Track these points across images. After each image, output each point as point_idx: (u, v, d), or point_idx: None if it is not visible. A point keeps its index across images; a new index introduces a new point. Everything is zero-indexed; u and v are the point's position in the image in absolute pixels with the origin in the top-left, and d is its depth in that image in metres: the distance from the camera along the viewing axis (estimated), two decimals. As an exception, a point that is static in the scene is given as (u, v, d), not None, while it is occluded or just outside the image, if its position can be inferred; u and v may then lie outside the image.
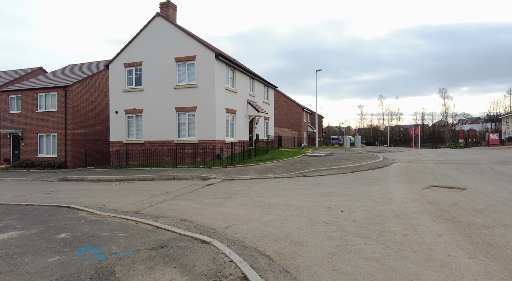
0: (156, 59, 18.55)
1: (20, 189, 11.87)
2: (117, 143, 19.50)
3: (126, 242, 4.48)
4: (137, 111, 19.01)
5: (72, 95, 21.14)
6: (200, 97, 17.42)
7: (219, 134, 17.46)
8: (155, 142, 18.47)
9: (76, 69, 25.75)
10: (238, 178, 11.98)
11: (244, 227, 5.40)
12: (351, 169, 13.28)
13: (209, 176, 12.59)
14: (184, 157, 17.63)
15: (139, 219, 5.99)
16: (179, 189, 10.10)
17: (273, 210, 6.64)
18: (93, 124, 22.72)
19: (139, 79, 19.18)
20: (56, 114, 21.37)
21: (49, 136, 21.84)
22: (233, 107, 19.24)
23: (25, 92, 22.45)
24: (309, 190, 9.00)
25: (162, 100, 18.33)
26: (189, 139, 17.74)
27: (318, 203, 7.17)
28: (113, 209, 7.30)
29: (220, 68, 17.68)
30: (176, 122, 18.04)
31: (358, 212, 6.17)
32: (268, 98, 26.50)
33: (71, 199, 9.02)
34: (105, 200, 8.66)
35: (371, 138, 69.62)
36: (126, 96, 19.36)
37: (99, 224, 5.71)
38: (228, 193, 9.02)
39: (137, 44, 19.17)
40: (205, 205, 7.38)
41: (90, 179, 14.43)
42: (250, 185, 10.41)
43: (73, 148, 21.13)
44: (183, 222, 5.82)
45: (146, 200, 8.36)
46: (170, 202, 7.95)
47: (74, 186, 12.15)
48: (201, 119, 17.41)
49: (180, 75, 18.14)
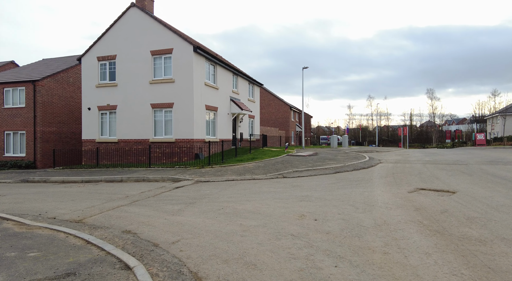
0: (131, 52, 17.38)
1: (-33, 192, 10.61)
2: (90, 142, 18.26)
3: (29, 267, 3.46)
4: (111, 108, 17.81)
5: (42, 91, 19.74)
6: (178, 93, 16.35)
7: (198, 132, 16.42)
8: (129, 141, 17.32)
9: (50, 64, 24.28)
10: (213, 180, 11.00)
11: (194, 242, 4.44)
12: (334, 170, 12.46)
13: (182, 178, 11.57)
14: (160, 156, 16.53)
15: (73, 231, 4.96)
16: (143, 193, 9.06)
17: (237, 218, 5.70)
18: (66, 121, 21.35)
19: (113, 74, 17.98)
20: (24, 110, 19.94)
21: (16, 134, 20.39)
22: (214, 105, 18.23)
23: (-8, 87, 20.91)
24: (285, 193, 8.09)
25: (137, 96, 17.18)
26: (165, 138, 16.65)
27: (291, 209, 6.26)
28: (53, 217, 6.24)
29: (199, 62, 16.65)
30: (151, 120, 16.92)
31: (334, 221, 5.28)
32: (253, 96, 25.57)
33: (14, 204, 7.89)
34: (52, 205, 7.57)
35: (360, 139, 69.51)
36: (99, 91, 18.13)
37: (17, 238, 4.66)
38: (194, 197, 8.03)
39: (111, 36, 17.96)
40: (162, 213, 6.39)
41: (53, 181, 13.21)
42: (223, 187, 9.45)
43: (43, 147, 19.75)
44: (125, 235, 4.82)
45: (99, 206, 7.31)
46: (124, 208, 6.93)
47: (30, 189, 10.96)
48: (179, 116, 16.35)
49: (156, 70, 17.03)
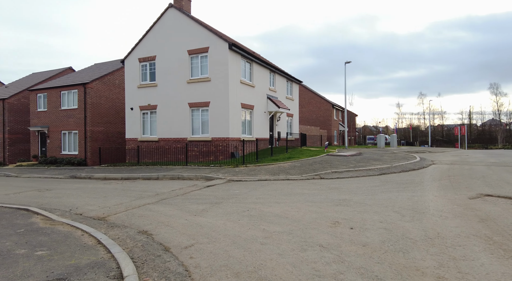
0: (169, 52, 17.71)
1: (21, 187, 11.44)
2: (133, 140, 18.99)
3: (27, 268, 3.24)
4: (152, 107, 18.32)
5: (91, 93, 21.07)
6: (213, 92, 16.24)
7: (233, 131, 16.15)
8: (169, 139, 17.64)
9: (100, 68, 25.92)
10: (245, 179, 10.55)
11: (208, 248, 3.96)
12: (378, 171, 11.27)
13: (214, 176, 11.30)
14: (197, 155, 16.58)
15: (90, 229, 4.79)
16: (173, 191, 8.90)
17: (262, 222, 5.12)
18: (112, 121, 22.57)
19: (153, 74, 18.48)
20: (77, 111, 21.45)
21: (71, 133, 22.02)
22: (250, 103, 17.84)
23: (50, 91, 22.87)
24: (319, 195, 7.32)
25: (175, 96, 17.44)
26: (202, 137, 16.65)
27: (323, 214, 5.52)
28: (80, 213, 6.23)
29: (234, 60, 16.37)
30: (189, 119, 17.04)
31: (374, 231, 4.45)
32: (292, 94, 24.76)
33: (53, 199, 8.18)
34: (85, 201, 7.68)
35: (411, 138, 64.61)
36: (141, 92, 18.77)
37: (36, 234, 4.59)
38: (222, 197, 7.62)
39: (150, 37, 18.49)
40: (184, 212, 6.04)
41: (97, 177, 13.83)
42: (254, 187, 8.93)
43: (93, 145, 21.04)
44: (138, 236, 4.52)
45: (127, 203, 7.24)
46: (149, 207, 6.73)
47: (73, 184, 11.49)
48: (215, 115, 16.23)
49: (193, 69, 17.11)
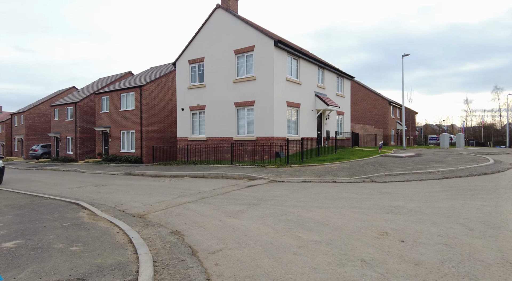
0: (216, 53, 17.98)
1: (83, 181, 12.50)
2: (184, 139, 19.73)
3: (57, 264, 3.28)
4: (200, 107, 18.82)
5: (146, 94, 22.43)
6: (258, 91, 16.06)
7: (278, 130, 15.78)
8: (216, 139, 17.94)
9: (155, 71, 27.53)
10: (288, 180, 10.12)
11: (236, 255, 3.67)
12: (441, 174, 9.94)
13: (257, 176, 11.07)
14: (242, 154, 16.56)
15: (126, 227, 4.85)
16: (215, 189, 8.85)
17: (299, 228, 4.69)
18: (166, 121, 23.77)
19: (202, 75, 18.97)
20: (134, 112, 23.03)
21: (129, 133, 23.72)
22: (296, 101, 17.29)
23: (112, 94, 24.93)
24: (368, 201, 6.60)
25: (222, 96, 17.65)
26: (247, 136, 16.58)
27: (370, 223, 4.88)
28: (123, 210, 6.44)
29: (280, 57, 15.98)
30: (235, 118, 17.11)
31: (430, 247, 3.73)
32: (343, 91, 23.51)
33: (104, 194, 8.69)
34: (131, 197, 7.99)
35: (482, 138, 57.43)
36: (190, 93, 19.40)
37: (78, 229, 4.77)
38: (261, 198, 7.31)
39: (199, 39, 18.99)
40: (220, 213, 5.86)
41: (148, 174, 14.57)
42: (296, 189, 8.47)
43: (148, 144, 22.39)
44: (169, 237, 4.41)
45: (169, 201, 7.33)
46: (188, 205, 6.71)
47: (126, 181, 12.20)
48: (259, 114, 16.03)
49: (239, 68, 17.13)
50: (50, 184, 11.99)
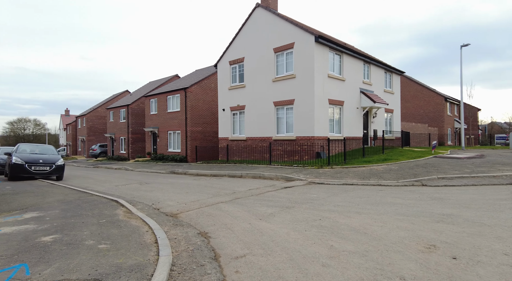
0: (256, 53, 17.90)
1: (129, 179, 13.23)
2: (224, 139, 20.00)
3: (81, 261, 3.33)
4: (240, 108, 18.90)
5: (190, 96, 23.19)
6: (298, 89, 15.61)
7: (319, 129, 15.17)
8: (255, 138, 17.87)
9: (199, 73, 28.40)
10: (327, 182, 9.59)
11: (259, 262, 3.42)
12: (508, 179, 8.64)
13: (295, 177, 10.69)
14: (281, 154, 16.25)
15: (156, 226, 4.88)
16: (250, 190, 8.69)
17: (332, 236, 4.29)
18: (208, 122, 24.36)
19: (241, 76, 19.04)
20: (179, 114, 23.97)
21: (175, 133, 24.76)
22: (339, 98, 16.48)
23: (159, 96, 26.24)
24: (416, 207, 5.90)
25: (261, 95, 17.52)
26: (286, 136, 16.22)
27: (416, 233, 4.29)
28: (158, 208, 6.56)
29: (321, 53, 15.35)
30: (274, 118, 16.86)
31: (492, 268, 3.11)
32: (392, 87, 21.95)
33: (144, 192, 9.02)
34: (168, 196, 8.17)
35: (562, 137, 49.69)
36: (231, 93, 19.60)
37: (111, 227, 4.91)
38: (296, 200, 6.97)
39: (239, 40, 19.08)
40: (251, 215, 5.66)
41: (190, 173, 14.97)
42: (335, 192, 7.96)
43: (192, 144, 23.14)
44: (195, 239, 4.32)
45: (203, 200, 7.34)
46: (220, 206, 6.63)
47: (168, 179, 12.63)
48: (299, 113, 15.58)
49: (278, 67, 16.85)
50: (101, 181, 12.88)
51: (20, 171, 12.32)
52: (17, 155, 12.79)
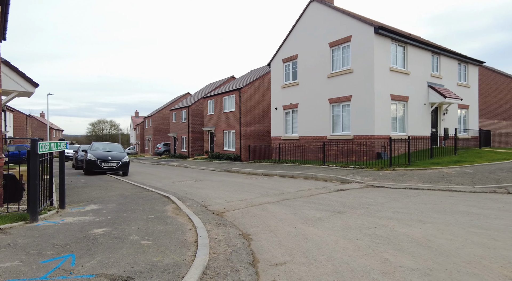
0: (310, 49, 17.30)
1: (186, 176, 13.81)
2: (277, 139, 19.79)
3: (122, 257, 3.38)
4: (293, 106, 18.48)
5: (244, 96, 23.48)
6: (356, 84, 14.61)
7: (379, 128, 14.00)
8: (309, 138, 17.28)
9: (254, 73, 28.65)
10: (388, 185, 8.71)
11: (299, 272, 3.09)
12: None
13: (351, 179, 9.96)
14: (337, 154, 15.41)
15: (200, 224, 4.85)
16: (300, 191, 8.31)
17: (388, 248, 3.73)
18: (262, 121, 24.39)
19: (295, 73, 18.59)
20: (234, 114, 24.46)
21: (230, 133, 25.34)
22: (403, 93, 15.01)
23: (216, 97, 27.13)
24: (498, 219, 4.91)
25: (315, 93, 16.86)
26: (343, 135, 15.32)
27: (498, 252, 3.50)
28: (206, 206, 6.60)
29: (382, 44, 14.14)
30: (329, 116, 16.07)
31: None
32: (467, 79, 19.33)
33: (196, 189, 9.24)
34: (217, 194, 8.22)
35: None
36: (284, 92, 19.29)
37: (158, 222, 5.01)
38: (349, 205, 6.39)
39: (293, 36, 18.65)
40: (297, 219, 5.31)
41: (242, 172, 15.08)
42: (396, 197, 7.14)
43: (245, 143, 23.41)
44: (235, 240, 4.15)
45: (250, 200, 7.20)
46: (266, 206, 6.40)
47: (221, 177, 12.85)
48: (357, 110, 14.57)
49: (334, 62, 16.01)
50: (160, 177, 13.67)
51: (93, 166, 13.74)
52: (91, 152, 14.29)
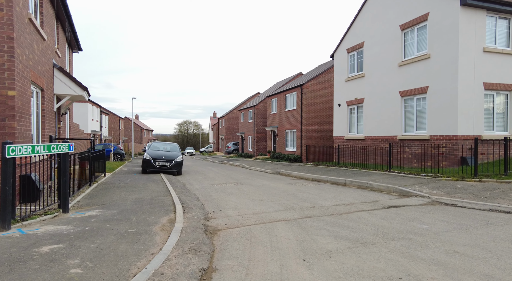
0: (378, 35, 14.84)
1: (232, 178, 13.20)
2: (340, 138, 17.74)
3: None
4: (358, 101, 16.20)
5: (306, 93, 21.88)
6: (434, 72, 11.79)
7: (465, 125, 10.97)
8: (376, 138, 14.86)
9: (320, 68, 26.66)
10: (463, 204, 6.40)
11: None
12: None
13: (413, 192, 7.78)
14: (410, 158, 12.76)
15: (166, 249, 3.96)
16: (337, 206, 6.71)
17: None
18: (326, 120, 22.38)
19: (361, 64, 16.28)
20: (295, 112, 23.06)
21: (291, 132, 24.04)
22: (505, 81, 11.50)
23: (279, 95, 26.12)
24: None
25: (384, 85, 14.37)
26: (417, 134, 12.60)
27: None
28: (210, 218, 5.69)
29: (472, 19, 11.04)
30: (400, 111, 13.45)
31: None
32: None
33: (224, 195, 8.42)
34: (238, 203, 7.23)
35: None
36: (348, 86, 17.13)
37: (126, 241, 4.30)
38: (387, 232, 4.65)
39: (359, 23, 16.36)
40: (297, 251, 3.95)
41: (293, 175, 13.78)
42: (466, 224, 5.01)
43: (307, 143, 21.79)
44: (206, 276, 3.11)
45: (266, 214, 6.01)
46: (276, 225, 5.13)
47: (265, 181, 11.82)
48: (435, 104, 11.75)
49: (406, 47, 13.32)
50: (208, 177, 13.38)
51: (148, 165, 14.29)
52: (148, 152, 14.92)
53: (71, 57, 13.96)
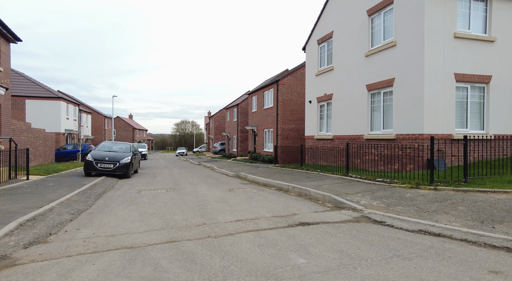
0: (346, 22, 13.33)
1: (177, 182, 11.82)
2: (310, 138, 16.27)
3: None
4: (327, 97, 14.71)
5: (282, 89, 20.41)
6: (399, 62, 10.27)
7: (433, 123, 9.42)
8: (344, 137, 13.34)
9: (302, 64, 25.13)
10: (392, 222, 4.93)
11: None
12: None
13: (347, 203, 6.30)
14: (376, 160, 11.23)
15: None
16: (238, 221, 5.25)
17: None
18: (303, 118, 20.82)
19: (330, 56, 14.78)
20: (272, 110, 21.60)
21: (269, 131, 22.57)
22: (480, 72, 9.93)
23: (258, 92, 24.66)
24: None
25: (351, 78, 12.87)
26: (383, 134, 11.09)
27: None
28: (26, 243, 4.30)
29: (440, 0, 9.49)
30: (367, 108, 11.93)
31: None
32: None
33: (129, 206, 7.03)
34: (123, 218, 5.84)
35: None
36: (318, 80, 15.64)
37: None
38: (237, 272, 3.20)
39: (328, 11, 14.88)
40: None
41: (248, 179, 12.36)
42: (373, 257, 3.53)
43: (284, 143, 20.33)
44: None
45: (130, 235, 4.62)
46: (106, 255, 3.73)
47: (205, 187, 10.40)
48: (400, 98, 10.23)
49: (374, 34, 11.81)
50: (154, 182, 12.00)
51: (89, 167, 12.94)
52: (92, 152, 13.60)
53: (6, 49, 12.72)
